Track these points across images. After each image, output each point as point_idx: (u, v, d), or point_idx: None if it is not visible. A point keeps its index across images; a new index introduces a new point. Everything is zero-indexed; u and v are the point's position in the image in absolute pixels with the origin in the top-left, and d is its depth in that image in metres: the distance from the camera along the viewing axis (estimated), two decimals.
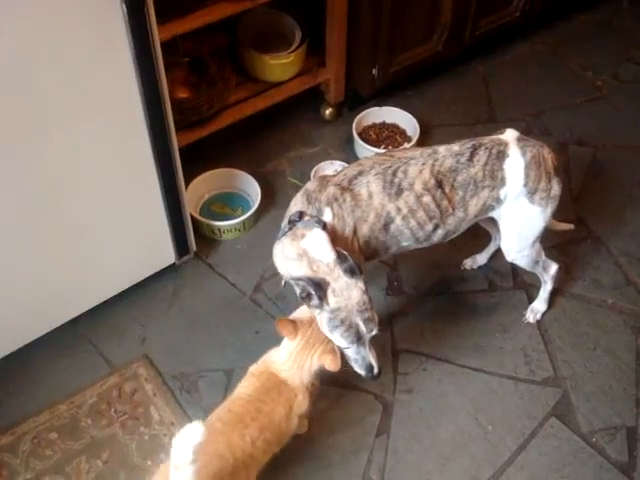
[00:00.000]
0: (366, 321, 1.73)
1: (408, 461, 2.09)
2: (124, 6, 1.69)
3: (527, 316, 2.40)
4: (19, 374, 2.23)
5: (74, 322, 2.31)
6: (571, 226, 2.38)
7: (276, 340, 2.32)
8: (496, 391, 2.23)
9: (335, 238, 1.80)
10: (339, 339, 1.74)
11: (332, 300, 1.71)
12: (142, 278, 2.37)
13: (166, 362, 2.27)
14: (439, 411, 2.19)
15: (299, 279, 1.72)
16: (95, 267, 2.21)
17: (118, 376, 2.23)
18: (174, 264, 2.45)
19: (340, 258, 1.72)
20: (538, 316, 2.39)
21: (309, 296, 1.71)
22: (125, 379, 2.22)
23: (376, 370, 1.81)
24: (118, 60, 1.79)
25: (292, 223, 1.81)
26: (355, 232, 1.86)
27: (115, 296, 2.34)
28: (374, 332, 1.75)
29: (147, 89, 1.88)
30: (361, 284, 1.73)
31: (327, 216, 1.82)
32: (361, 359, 1.79)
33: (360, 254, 1.90)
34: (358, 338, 1.73)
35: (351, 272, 1.71)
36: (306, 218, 1.80)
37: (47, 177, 1.88)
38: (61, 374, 2.24)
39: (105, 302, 2.33)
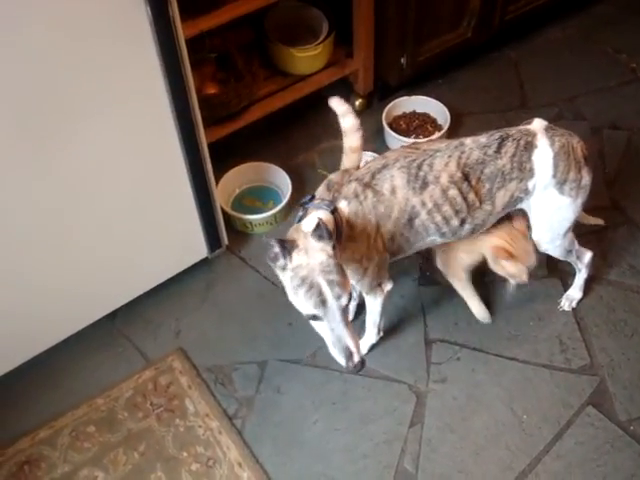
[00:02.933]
0: (330, 283, 1.58)
1: (442, 451, 2.08)
2: (148, 7, 1.71)
3: (562, 304, 2.37)
4: (57, 369, 2.28)
5: (110, 317, 2.36)
6: (601, 221, 2.35)
7: (309, 332, 2.34)
8: (531, 380, 2.21)
9: (352, 234, 1.78)
10: (303, 302, 1.60)
11: (295, 258, 1.61)
12: (176, 273, 2.40)
13: (200, 355, 2.30)
14: (473, 401, 2.18)
15: (269, 241, 1.62)
16: (129, 263, 2.25)
17: (153, 369, 2.27)
18: (207, 258, 2.47)
19: (317, 226, 1.63)
20: (574, 304, 2.36)
21: (276, 256, 1.62)
22: (160, 372, 2.26)
23: (356, 358, 1.60)
24: (144, 58, 1.81)
25: (303, 205, 1.81)
26: (378, 229, 1.85)
27: (149, 291, 2.38)
28: (342, 300, 1.59)
29: (173, 86, 1.90)
30: (329, 249, 1.62)
31: (343, 208, 1.79)
32: (336, 339, 1.60)
33: (384, 251, 1.90)
34: (322, 302, 1.57)
35: (319, 236, 1.62)
36: (317, 201, 1.79)
37: (77, 174, 1.91)
38: (98, 368, 2.29)
39: (140, 297, 2.37)
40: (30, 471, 2.08)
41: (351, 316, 2.33)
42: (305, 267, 1.60)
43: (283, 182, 2.66)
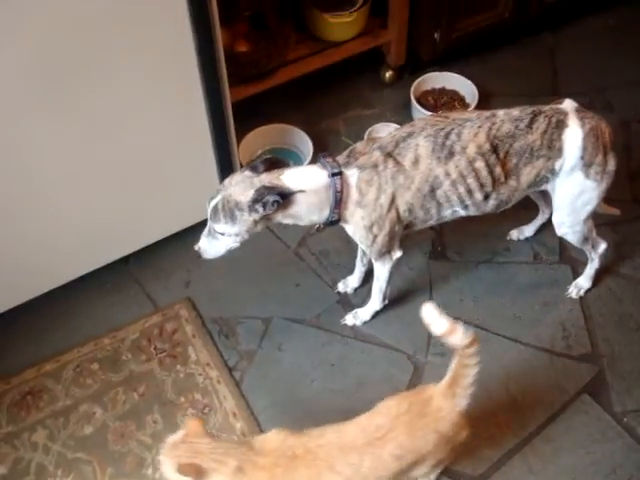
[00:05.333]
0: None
1: None
2: None
3: (570, 291, 2.37)
4: (69, 306, 2.35)
5: (124, 261, 2.42)
6: (617, 211, 2.33)
7: (315, 294, 2.38)
8: (530, 362, 2.23)
9: (362, 200, 1.84)
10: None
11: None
12: (191, 224, 2.43)
13: (207, 306, 2.35)
14: None
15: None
16: (146, 209, 2.30)
17: (161, 315, 2.32)
18: None
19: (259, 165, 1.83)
20: (582, 292, 2.36)
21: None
22: (167, 319, 2.31)
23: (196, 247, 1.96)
24: (173, 10, 1.84)
25: (318, 158, 1.85)
26: (393, 200, 1.86)
27: (164, 240, 2.43)
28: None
29: (201, 39, 1.92)
30: (254, 179, 1.79)
31: (352, 176, 1.83)
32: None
33: (398, 222, 1.92)
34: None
35: (251, 168, 1.83)
36: (329, 159, 1.83)
37: (104, 119, 1.96)
38: (108, 309, 2.36)
39: (154, 245, 2.42)
40: (33, 401, 2.16)
41: (358, 283, 2.36)
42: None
43: (305, 146, 2.68)
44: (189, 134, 2.16)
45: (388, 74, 2.97)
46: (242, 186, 1.79)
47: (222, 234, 1.86)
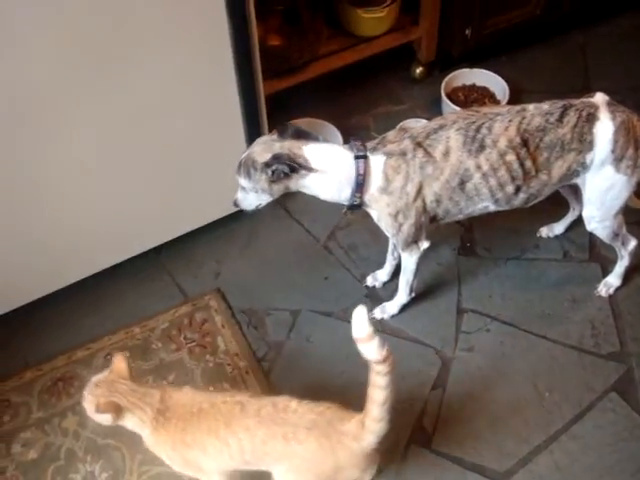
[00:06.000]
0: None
1: (461, 417, 2.11)
2: None
3: (599, 289, 2.36)
4: (102, 294, 2.39)
5: (156, 252, 2.46)
6: None
7: (344, 288, 2.39)
8: (558, 359, 2.22)
9: (387, 187, 1.86)
10: None
11: None
12: (222, 216, 2.46)
13: (237, 297, 2.37)
14: (498, 372, 2.20)
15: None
16: (180, 201, 2.33)
17: (191, 305, 2.35)
18: None
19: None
20: (611, 290, 2.35)
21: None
22: (197, 309, 2.34)
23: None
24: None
25: (348, 140, 1.88)
26: (420, 190, 1.88)
27: (195, 231, 2.46)
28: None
29: (237, 30, 1.95)
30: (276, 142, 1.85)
31: (378, 161, 1.85)
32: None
33: (424, 213, 1.93)
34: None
35: (279, 132, 1.87)
36: (358, 142, 1.86)
37: (138, 107, 1.99)
38: (139, 299, 2.39)
39: (186, 236, 2.45)
40: (63, 388, 2.19)
41: (387, 277, 2.37)
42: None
43: (335, 141, 2.68)
44: (222, 126, 2.18)
45: (418, 70, 2.98)
46: (263, 147, 1.85)
47: (244, 188, 1.92)
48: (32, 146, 1.90)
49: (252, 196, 1.93)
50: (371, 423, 1.61)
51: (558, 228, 2.50)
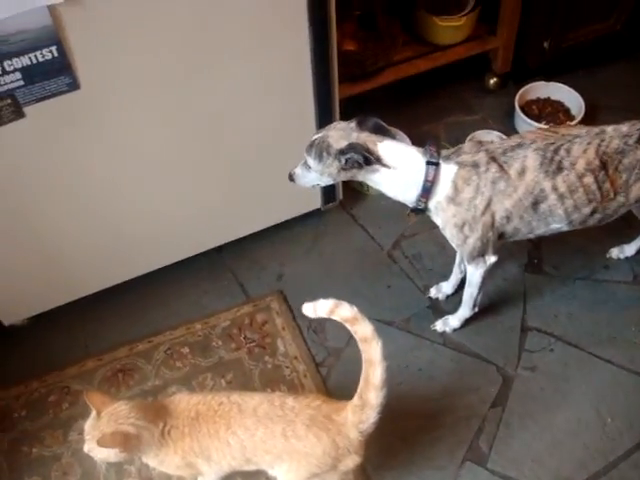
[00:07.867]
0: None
1: (519, 437, 2.08)
2: None
3: None
4: (165, 290, 2.42)
5: (220, 251, 2.48)
6: None
7: (406, 298, 2.37)
8: (622, 385, 2.16)
9: (455, 197, 1.85)
10: None
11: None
12: (288, 218, 2.47)
13: (298, 300, 2.32)
14: (560, 394, 2.15)
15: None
16: (246, 202, 2.34)
17: (252, 306, 2.36)
18: (319, 209, 2.54)
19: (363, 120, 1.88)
20: None
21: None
22: (258, 310, 2.35)
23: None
24: (292, 4, 1.88)
25: (425, 143, 1.87)
26: (489, 204, 1.85)
27: (260, 232, 2.47)
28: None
29: (316, 35, 1.96)
30: (353, 129, 1.86)
31: (449, 170, 1.83)
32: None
33: (491, 228, 1.90)
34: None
35: (358, 122, 1.87)
36: (433, 148, 1.84)
37: (218, 109, 2.00)
38: (201, 296, 2.41)
39: (250, 237, 2.46)
40: (123, 379, 2.23)
41: (452, 289, 2.35)
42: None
43: None
44: (295, 129, 2.18)
45: (492, 81, 2.94)
46: (341, 134, 1.85)
47: (310, 168, 1.91)
48: (115, 143, 1.94)
49: (314, 176, 1.93)
50: (372, 395, 1.72)
51: (629, 250, 2.43)
